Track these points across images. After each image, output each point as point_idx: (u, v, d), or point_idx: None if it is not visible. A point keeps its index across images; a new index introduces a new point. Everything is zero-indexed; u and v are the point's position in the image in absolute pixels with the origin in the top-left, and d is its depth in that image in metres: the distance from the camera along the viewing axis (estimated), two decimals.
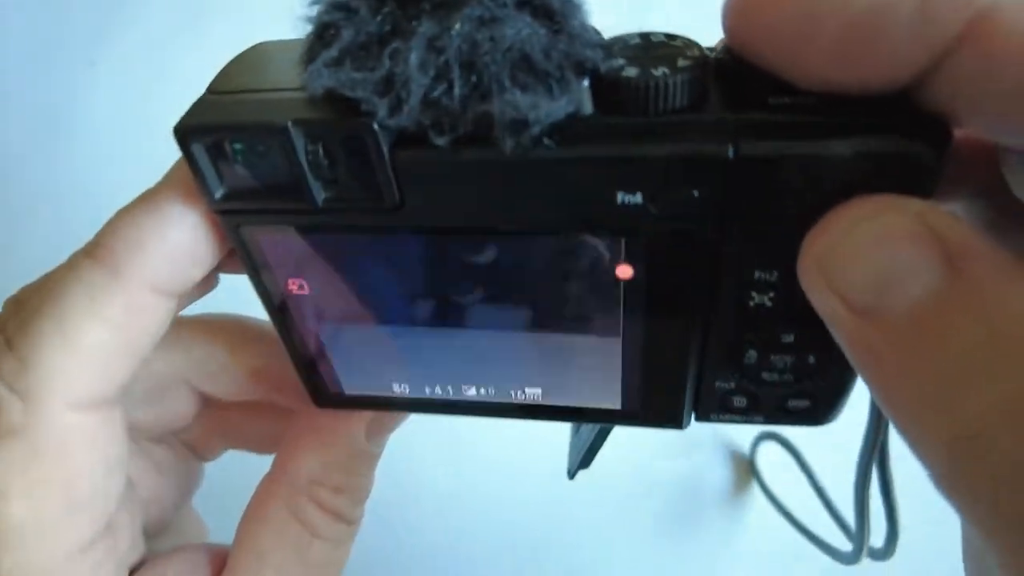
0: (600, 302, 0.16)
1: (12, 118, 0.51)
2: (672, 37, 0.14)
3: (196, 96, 0.15)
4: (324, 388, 0.19)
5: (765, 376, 0.17)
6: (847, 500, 0.36)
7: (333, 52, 0.13)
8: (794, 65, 0.12)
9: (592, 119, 0.13)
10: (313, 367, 0.18)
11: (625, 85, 0.13)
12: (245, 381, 0.22)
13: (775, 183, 0.13)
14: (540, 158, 0.13)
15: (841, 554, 0.33)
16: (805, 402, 0.17)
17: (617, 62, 0.13)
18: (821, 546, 0.36)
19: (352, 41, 0.13)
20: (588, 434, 0.23)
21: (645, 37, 0.14)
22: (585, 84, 0.13)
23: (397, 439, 0.22)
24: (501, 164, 0.13)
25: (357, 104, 0.13)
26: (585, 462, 0.24)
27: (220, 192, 0.14)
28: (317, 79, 0.13)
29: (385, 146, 0.13)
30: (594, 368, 0.17)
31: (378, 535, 0.41)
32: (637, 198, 0.13)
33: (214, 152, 0.14)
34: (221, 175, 0.14)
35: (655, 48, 0.13)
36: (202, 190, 0.14)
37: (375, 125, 0.13)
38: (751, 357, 0.16)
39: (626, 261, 0.15)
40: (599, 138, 0.13)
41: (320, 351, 0.18)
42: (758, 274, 0.15)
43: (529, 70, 0.12)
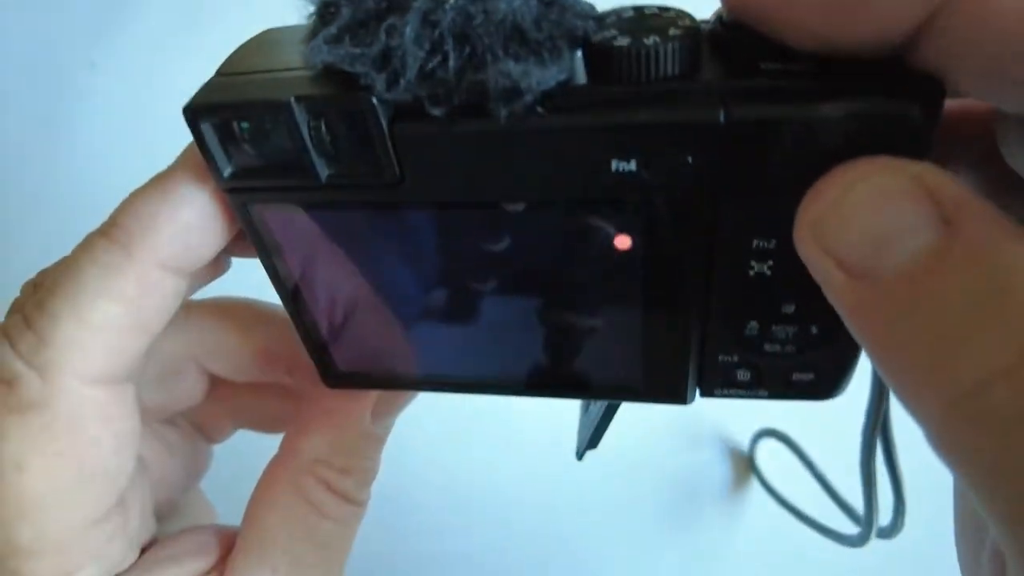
0: (600, 274, 0.16)
1: (12, 118, 0.51)
2: (665, 9, 0.14)
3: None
4: (334, 367, 0.19)
5: (767, 348, 0.17)
6: (849, 488, 0.37)
7: (332, 29, 0.14)
8: (788, 21, 0.12)
9: (585, 88, 0.14)
10: (323, 346, 0.19)
11: (617, 54, 0.13)
12: (254, 362, 0.22)
13: (768, 148, 0.13)
14: (534, 127, 0.14)
15: (849, 537, 0.33)
16: (809, 375, 0.17)
17: (609, 32, 0.14)
18: (827, 533, 0.36)
19: (351, 18, 0.14)
20: (596, 414, 0.23)
21: (638, 9, 0.14)
22: (578, 54, 0.14)
23: (399, 431, 0.23)
24: (496, 134, 0.14)
25: (356, 79, 0.13)
26: (593, 442, 0.24)
27: (228, 170, 0.15)
28: (317, 55, 0.14)
29: (384, 120, 0.14)
30: (598, 342, 0.18)
31: (376, 537, 0.41)
32: (631, 165, 0.14)
33: (222, 131, 0.14)
34: (229, 154, 0.15)
35: (647, 19, 0.14)
36: (211, 169, 0.15)
37: (374, 99, 0.14)
38: (752, 328, 0.16)
39: (623, 231, 0.15)
40: (592, 106, 0.14)
41: (329, 329, 0.18)
42: (756, 242, 0.15)
43: (521, 41, 0.13)
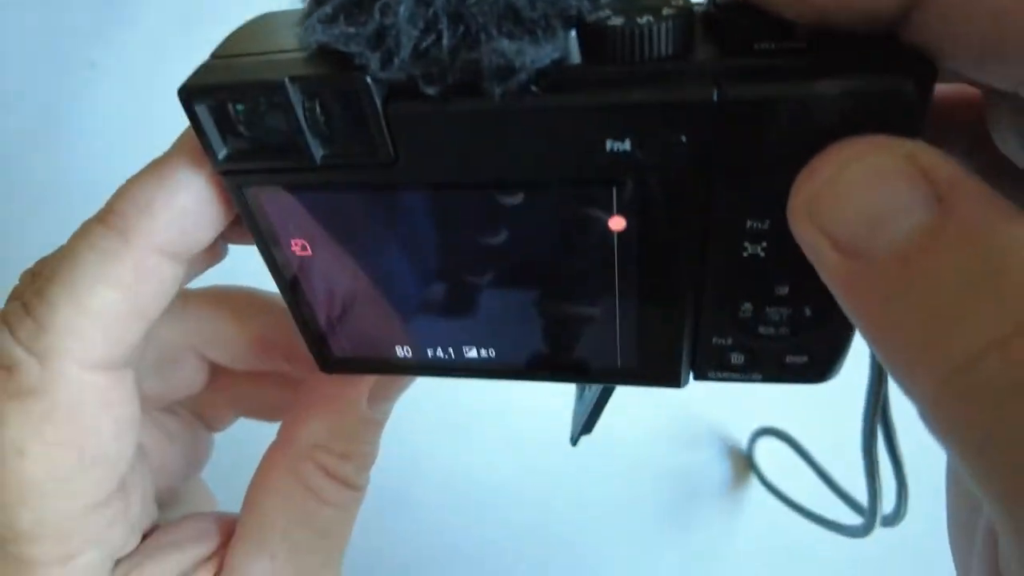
0: (595, 255, 0.16)
1: (12, 117, 0.52)
2: None
3: None
4: (329, 352, 0.20)
5: (761, 330, 0.17)
6: (849, 481, 0.37)
7: (327, 9, 0.14)
8: None
9: (579, 68, 0.14)
10: (318, 331, 0.19)
11: (611, 33, 0.13)
12: (252, 350, 0.23)
13: (761, 127, 0.13)
14: (528, 106, 0.14)
15: (852, 528, 0.33)
16: (803, 357, 0.17)
17: (603, 12, 0.14)
18: (830, 526, 0.36)
19: None
20: (590, 400, 0.24)
21: None
22: (572, 34, 0.14)
23: (399, 431, 0.23)
24: (491, 113, 0.14)
25: (351, 59, 0.14)
26: (587, 427, 0.24)
27: (223, 152, 0.15)
28: (311, 35, 0.14)
29: (378, 99, 0.14)
30: (592, 325, 0.18)
31: (375, 536, 0.41)
32: (626, 145, 0.14)
33: (217, 113, 0.15)
34: (224, 136, 0.15)
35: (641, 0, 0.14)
36: (206, 151, 0.15)
37: (368, 78, 0.14)
38: (746, 310, 0.17)
39: (618, 212, 0.15)
40: (586, 85, 0.14)
41: (324, 314, 0.19)
42: (750, 223, 0.15)
43: (515, 19, 0.13)
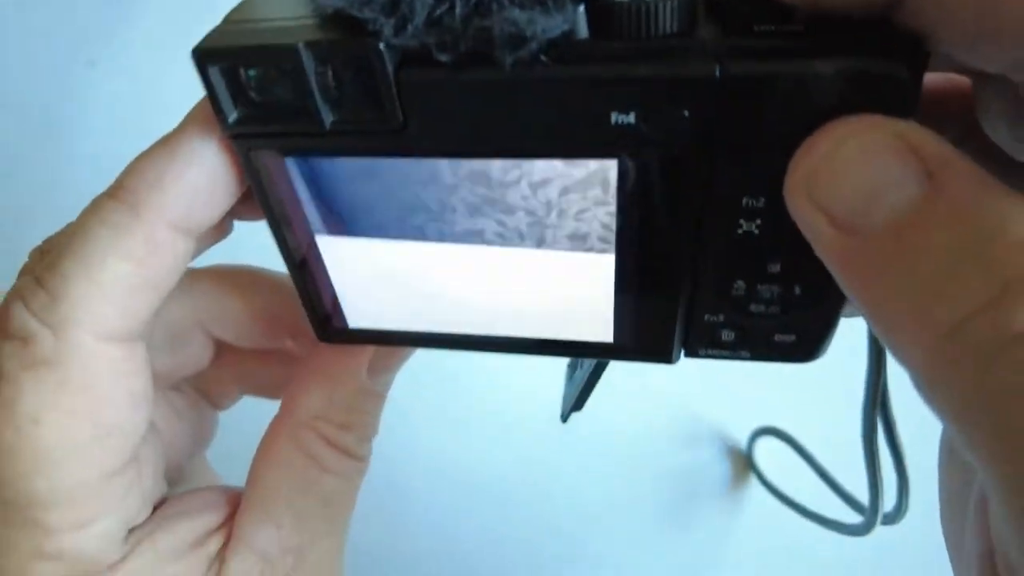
0: (593, 229, 0.17)
1: (12, 117, 0.52)
2: None
3: (196, 96, 0.17)
4: (329, 323, 0.20)
5: (752, 308, 0.17)
6: (848, 480, 0.37)
7: None
8: None
9: (586, 42, 0.14)
10: (319, 300, 0.19)
11: (618, 9, 0.14)
12: (258, 327, 0.23)
13: (761, 104, 0.14)
14: (538, 76, 0.14)
15: (853, 526, 0.33)
16: (791, 336, 0.18)
17: None
18: (830, 525, 0.36)
19: None
20: (581, 379, 0.24)
21: None
22: (581, 9, 0.15)
23: (399, 431, 0.23)
24: (501, 82, 0.14)
25: (364, 25, 0.14)
26: (578, 404, 0.25)
27: (234, 116, 0.15)
28: (327, 0, 0.14)
29: (390, 66, 0.14)
30: (588, 299, 0.18)
31: (375, 535, 0.42)
32: (630, 118, 0.14)
33: (229, 77, 0.15)
34: (235, 100, 0.15)
35: None
36: (217, 114, 0.15)
37: (381, 44, 0.14)
38: (739, 288, 0.17)
39: (619, 185, 0.16)
40: (594, 58, 0.14)
41: (326, 283, 0.19)
42: (746, 200, 0.16)
43: None
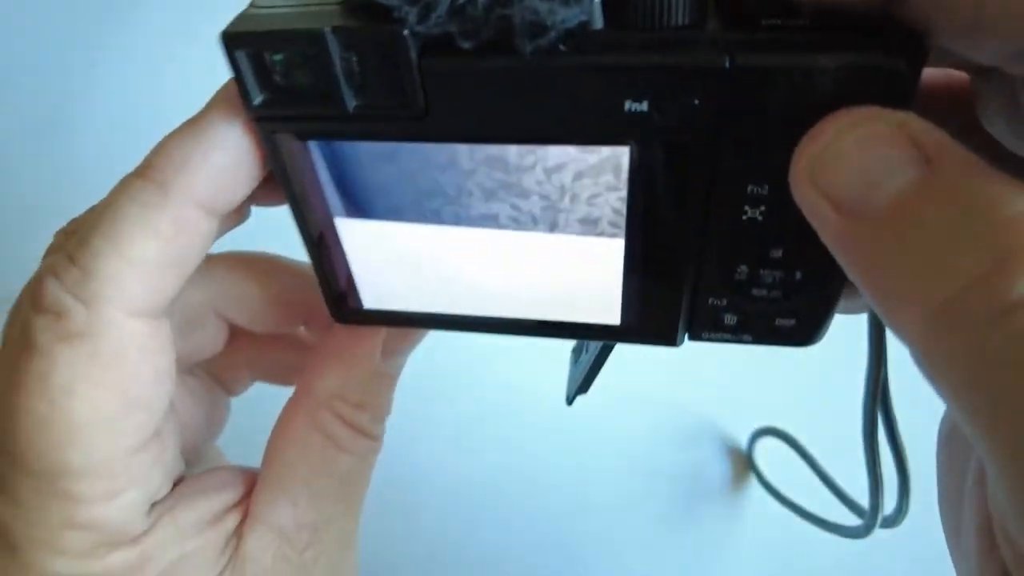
0: (605, 212, 0.18)
1: (12, 118, 0.53)
2: None
3: (196, 96, 0.17)
4: (345, 304, 0.21)
5: (755, 292, 0.18)
6: (848, 482, 0.38)
7: None
8: None
9: (602, 32, 0.15)
10: (336, 281, 0.20)
11: (633, 1, 0.15)
12: (272, 313, 0.24)
13: (766, 95, 0.15)
14: (556, 64, 0.15)
15: (852, 529, 0.34)
16: (791, 320, 0.19)
17: None
18: (829, 527, 0.37)
19: None
20: (586, 362, 0.25)
21: None
22: (597, 1, 0.15)
23: (401, 431, 0.24)
24: (520, 70, 0.15)
25: (389, 12, 0.15)
26: (584, 387, 0.26)
27: (259, 99, 0.16)
28: None
29: (414, 53, 0.15)
30: (597, 282, 0.19)
31: (375, 534, 0.42)
32: (643, 106, 0.15)
33: (255, 61, 0.16)
34: (260, 83, 0.16)
35: None
36: (242, 97, 0.16)
37: (405, 32, 0.15)
38: (742, 272, 0.18)
39: (631, 171, 0.17)
40: (610, 48, 0.15)
41: (343, 264, 0.20)
42: (751, 188, 0.16)
43: None
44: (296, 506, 0.21)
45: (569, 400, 0.27)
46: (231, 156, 0.17)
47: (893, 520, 0.28)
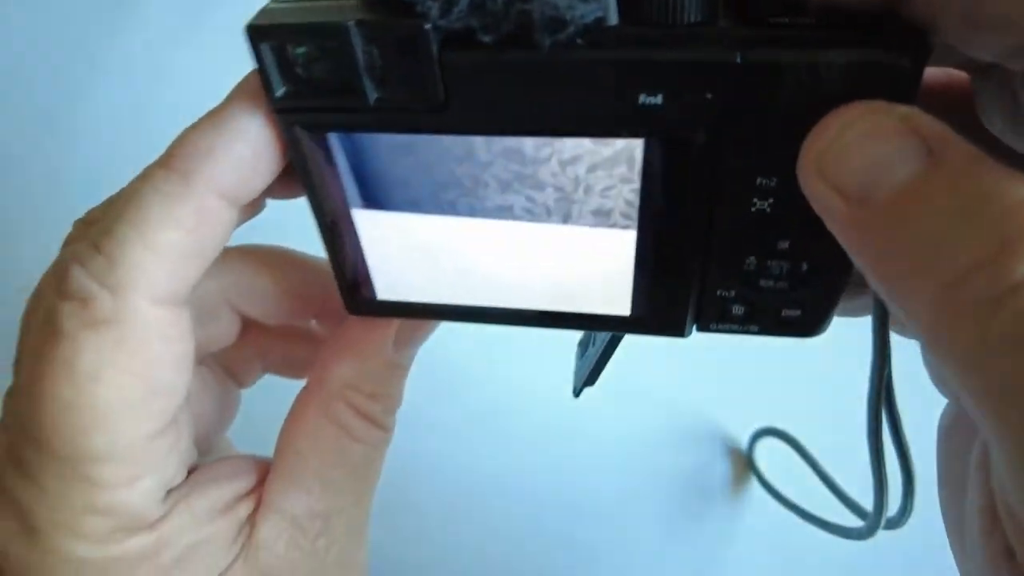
0: (618, 203, 0.18)
1: (12, 118, 0.53)
2: None
3: (196, 97, 0.18)
4: (359, 295, 0.21)
5: (762, 283, 0.19)
6: (850, 483, 0.38)
7: None
8: None
9: (617, 28, 0.16)
10: (351, 272, 0.21)
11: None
12: (285, 305, 0.24)
13: (776, 90, 0.15)
14: (574, 58, 0.16)
15: (855, 530, 0.34)
16: (797, 311, 0.19)
17: None
18: (830, 528, 0.37)
19: None
20: (593, 355, 0.26)
21: None
22: None
23: (404, 431, 0.24)
24: (539, 64, 0.16)
25: (411, 6, 0.15)
26: (591, 379, 0.26)
27: (281, 90, 0.17)
28: None
29: (435, 47, 0.16)
30: (608, 273, 0.20)
31: (376, 533, 0.42)
32: (658, 99, 0.16)
33: (279, 53, 0.16)
34: (283, 75, 0.17)
35: None
36: (265, 89, 0.17)
37: (428, 26, 0.15)
38: (751, 263, 0.19)
39: (644, 163, 0.17)
40: (625, 43, 0.16)
41: (359, 255, 0.20)
42: (760, 180, 0.17)
43: None
44: (309, 495, 0.22)
45: (576, 392, 0.28)
46: (253, 147, 0.18)
47: (897, 521, 0.28)
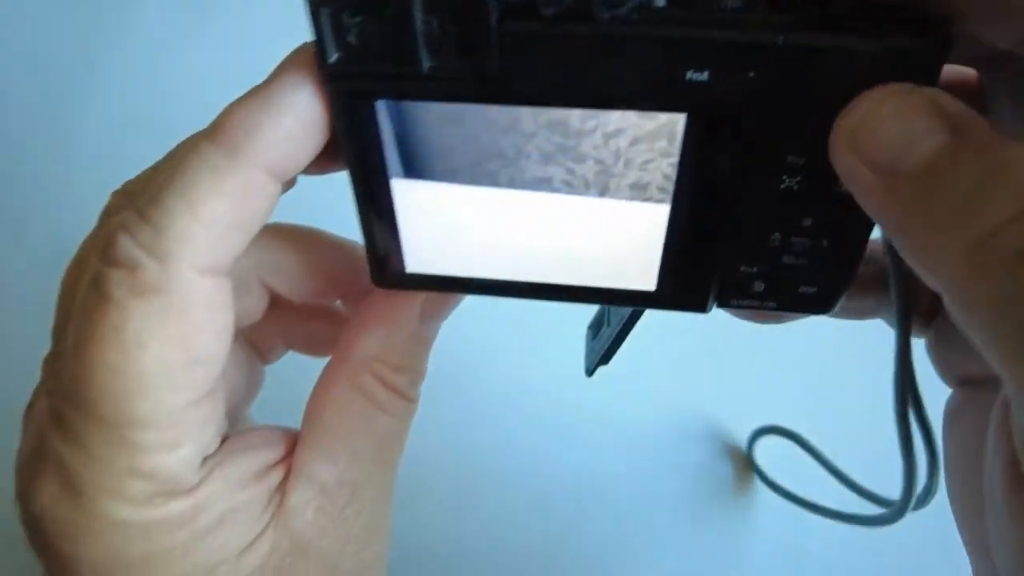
0: (655, 177, 0.19)
1: (12, 119, 0.54)
2: None
3: (197, 97, 0.18)
4: (388, 267, 0.22)
5: (785, 259, 0.20)
6: (858, 472, 0.39)
7: None
8: None
9: (666, 8, 0.17)
10: (383, 243, 0.21)
11: None
12: (312, 283, 0.25)
13: (811, 72, 0.17)
14: (629, 33, 0.16)
15: (878, 517, 0.33)
16: (813, 288, 0.21)
17: None
18: (850, 519, 0.37)
19: None
20: (609, 335, 0.27)
21: None
22: None
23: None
24: (595, 36, 0.16)
25: None
26: (606, 358, 0.27)
27: (334, 56, 0.17)
28: None
29: (495, 17, 0.16)
30: (638, 247, 0.20)
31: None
32: (704, 76, 0.17)
33: (335, 20, 0.17)
34: (338, 42, 0.17)
35: None
36: (319, 55, 0.17)
37: None
38: (775, 239, 0.20)
39: (685, 139, 0.18)
40: (677, 21, 0.16)
41: (393, 227, 0.21)
42: (790, 158, 0.18)
43: None
44: (337, 464, 0.22)
45: (589, 372, 0.29)
46: (300, 122, 0.18)
47: (923, 500, 0.29)
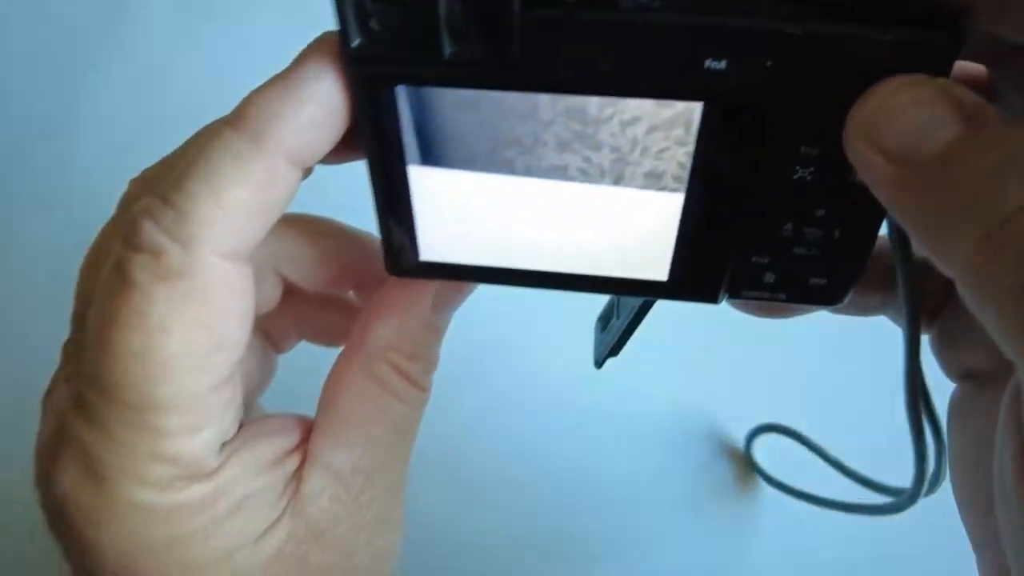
0: (671, 166, 0.19)
1: (12, 119, 0.54)
2: None
3: (197, 97, 0.18)
4: (402, 255, 0.22)
5: (797, 250, 0.20)
6: (861, 463, 0.39)
7: None
8: None
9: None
10: (398, 231, 0.21)
11: None
12: (326, 273, 0.25)
13: (828, 62, 0.17)
14: (650, 21, 0.17)
15: (888, 505, 0.34)
16: (823, 280, 0.21)
17: None
18: (859, 510, 0.37)
19: None
20: (618, 327, 0.27)
21: None
22: None
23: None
24: (616, 23, 0.17)
25: None
26: (616, 350, 0.27)
27: (357, 41, 0.17)
28: None
29: (517, 2, 0.16)
30: (651, 237, 0.20)
31: None
32: (722, 64, 0.17)
33: (359, 5, 0.17)
34: (360, 27, 0.17)
35: None
36: (342, 40, 0.18)
37: None
38: (788, 230, 0.20)
39: (702, 127, 0.18)
40: (697, 9, 0.17)
41: (408, 214, 0.21)
42: (804, 148, 0.19)
43: None
44: (352, 451, 0.23)
45: (598, 364, 0.29)
46: (321, 111, 0.18)
47: (933, 485, 0.29)
